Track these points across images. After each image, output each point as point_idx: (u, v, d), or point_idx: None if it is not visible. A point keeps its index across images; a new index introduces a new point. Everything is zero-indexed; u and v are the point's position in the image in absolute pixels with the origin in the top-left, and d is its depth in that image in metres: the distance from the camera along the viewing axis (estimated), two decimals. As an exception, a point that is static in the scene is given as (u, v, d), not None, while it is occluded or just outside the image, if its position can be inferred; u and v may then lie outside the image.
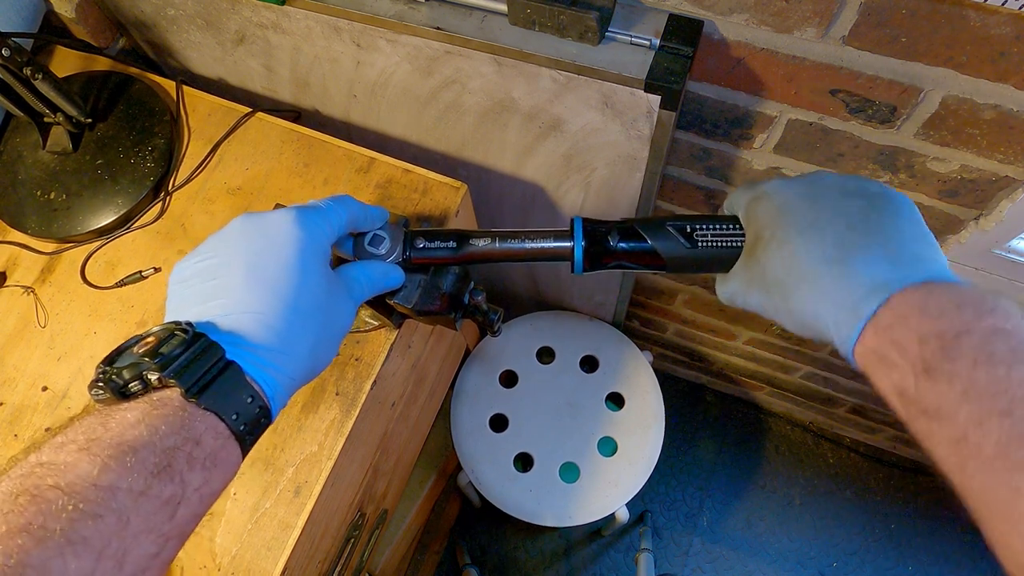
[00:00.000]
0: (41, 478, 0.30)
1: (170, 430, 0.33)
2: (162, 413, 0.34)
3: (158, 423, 0.33)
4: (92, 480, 0.30)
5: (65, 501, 0.29)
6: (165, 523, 0.32)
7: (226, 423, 0.36)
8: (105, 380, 0.35)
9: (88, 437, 0.32)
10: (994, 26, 0.49)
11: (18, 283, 0.70)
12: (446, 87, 0.74)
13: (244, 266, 0.39)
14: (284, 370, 0.39)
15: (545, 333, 1.19)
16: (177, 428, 0.34)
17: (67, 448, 0.31)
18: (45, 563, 0.28)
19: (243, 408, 0.36)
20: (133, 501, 0.31)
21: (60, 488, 0.29)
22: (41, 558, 0.27)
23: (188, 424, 0.34)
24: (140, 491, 0.31)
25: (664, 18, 0.59)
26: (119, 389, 0.35)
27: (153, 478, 0.32)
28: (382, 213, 0.48)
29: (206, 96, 0.77)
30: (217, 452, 0.35)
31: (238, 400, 0.36)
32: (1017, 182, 0.63)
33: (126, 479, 0.31)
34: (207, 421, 0.35)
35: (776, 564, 1.48)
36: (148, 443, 0.32)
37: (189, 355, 0.35)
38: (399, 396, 0.71)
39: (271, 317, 0.38)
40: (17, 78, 0.64)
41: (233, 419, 0.36)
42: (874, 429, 1.46)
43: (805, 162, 0.72)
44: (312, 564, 0.63)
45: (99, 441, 0.32)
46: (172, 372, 0.34)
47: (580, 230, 0.46)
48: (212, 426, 0.35)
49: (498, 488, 1.09)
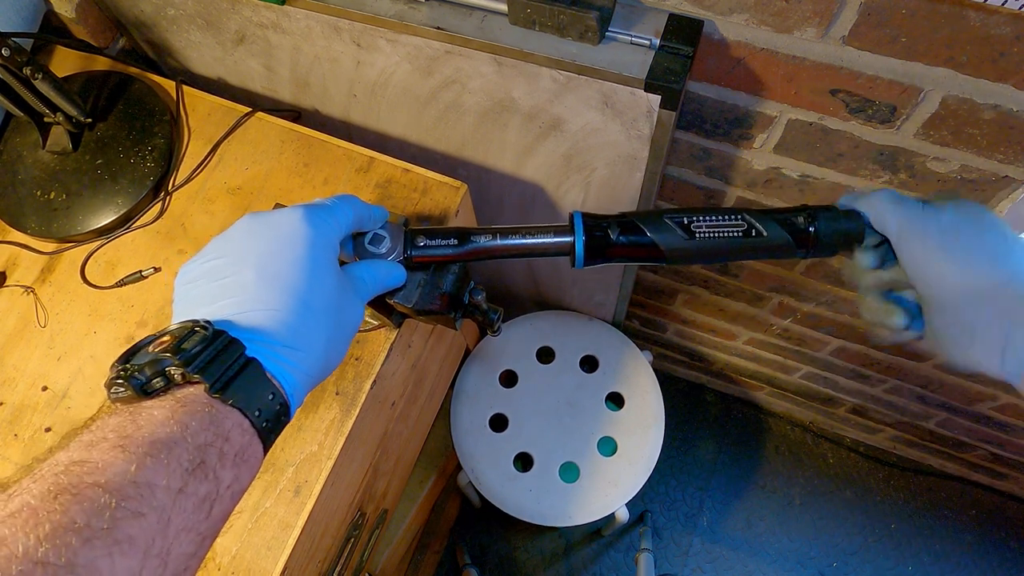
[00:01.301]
0: (79, 476, 0.29)
1: (200, 427, 0.33)
2: (190, 410, 0.33)
3: (188, 420, 0.33)
4: (131, 478, 0.30)
5: (107, 499, 0.29)
6: (202, 522, 0.32)
7: (250, 419, 0.35)
8: (126, 377, 0.34)
9: (119, 435, 0.31)
10: (994, 26, 0.49)
11: (18, 283, 0.70)
12: (446, 87, 0.74)
13: (255, 265, 0.39)
14: (301, 367, 0.39)
15: (545, 333, 1.19)
16: (206, 425, 0.33)
17: (100, 446, 0.31)
18: (94, 562, 0.27)
19: (265, 404, 0.36)
20: (172, 499, 0.31)
21: (100, 486, 0.29)
22: (89, 557, 0.27)
23: (217, 420, 0.34)
24: (178, 489, 0.31)
25: (664, 18, 0.59)
26: (141, 386, 0.34)
27: (189, 475, 0.32)
28: (383, 212, 0.48)
29: (206, 96, 0.77)
30: (245, 449, 0.35)
31: (260, 396, 0.36)
32: (1017, 182, 0.63)
33: (164, 477, 0.31)
34: (233, 418, 0.35)
35: (776, 564, 1.48)
36: (181, 440, 0.32)
37: (211, 351, 0.35)
38: (399, 396, 0.72)
39: (287, 314, 0.38)
40: (17, 78, 0.64)
41: (256, 415, 0.36)
42: (874, 429, 1.46)
43: (805, 162, 0.72)
44: (312, 564, 0.63)
45: (132, 439, 0.31)
46: (196, 368, 0.34)
47: (580, 224, 0.46)
48: (238, 423, 0.35)
49: (498, 488, 1.09)
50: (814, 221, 0.44)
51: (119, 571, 0.28)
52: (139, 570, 0.28)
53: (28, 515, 0.27)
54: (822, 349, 1.15)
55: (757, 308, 1.10)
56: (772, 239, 0.44)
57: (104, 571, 0.27)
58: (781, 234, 0.44)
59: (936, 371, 1.05)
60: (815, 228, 0.44)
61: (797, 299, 1.01)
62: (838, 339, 1.09)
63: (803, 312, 1.05)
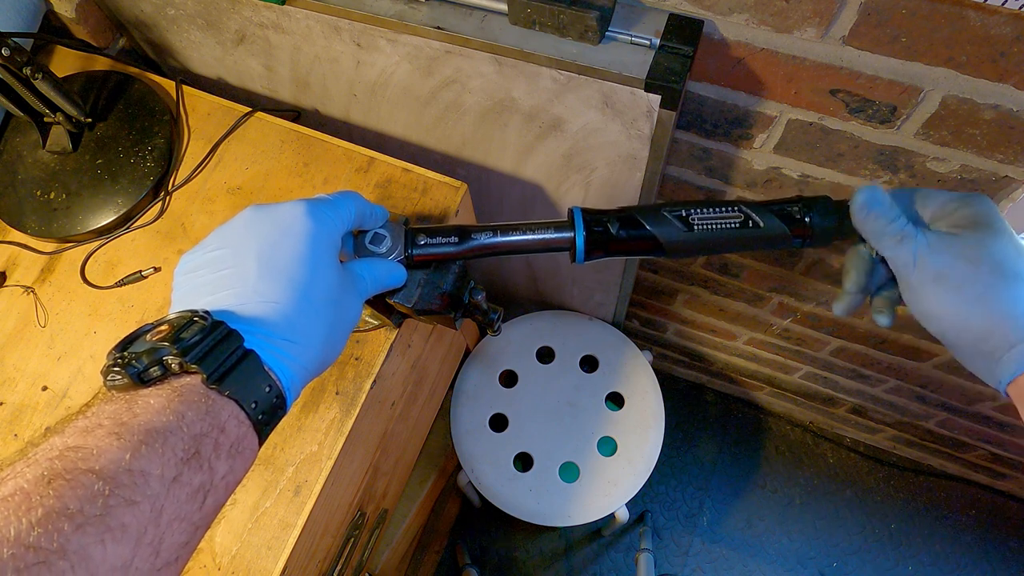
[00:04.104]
0: (74, 462, 0.29)
1: (196, 417, 0.33)
2: (186, 400, 0.33)
3: (184, 409, 0.33)
4: (125, 465, 0.30)
5: (101, 486, 0.29)
6: (196, 512, 0.32)
7: (246, 411, 0.35)
8: (123, 365, 0.34)
9: (115, 422, 0.31)
10: (994, 26, 0.49)
11: (18, 283, 0.70)
12: (446, 87, 0.74)
13: (257, 256, 0.39)
14: (299, 360, 0.39)
15: (545, 333, 1.19)
16: (202, 415, 0.33)
17: (95, 433, 0.31)
18: (86, 548, 0.27)
19: (261, 396, 0.36)
20: (165, 488, 0.31)
21: (95, 472, 0.29)
22: (82, 543, 0.27)
23: (213, 411, 0.34)
24: (172, 478, 0.31)
25: (664, 18, 0.59)
26: (138, 374, 0.34)
27: (183, 465, 0.32)
28: (384, 212, 0.48)
29: (206, 96, 0.77)
30: (240, 440, 0.35)
31: (257, 388, 0.36)
32: (1017, 182, 0.63)
33: (158, 465, 0.31)
34: (229, 409, 0.35)
35: (776, 564, 1.48)
36: (176, 429, 0.32)
37: (210, 341, 0.35)
38: (399, 396, 0.72)
39: (287, 307, 0.38)
40: (17, 78, 0.64)
41: (252, 407, 0.36)
42: (874, 429, 1.46)
43: (805, 162, 0.72)
44: (312, 563, 0.63)
45: (127, 426, 0.31)
46: (194, 358, 0.34)
47: (580, 220, 0.47)
48: (234, 414, 0.35)
49: (498, 488, 1.09)
50: (810, 211, 0.45)
51: (111, 558, 0.28)
52: (131, 558, 0.29)
53: (21, 499, 0.27)
54: (822, 349, 1.15)
55: (757, 308, 1.10)
56: (769, 230, 0.45)
57: (96, 558, 0.27)
58: (777, 224, 0.45)
59: (936, 371, 1.05)
60: (810, 219, 0.45)
61: (797, 299, 1.01)
62: (838, 339, 1.09)
63: (803, 312, 1.05)
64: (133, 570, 0.29)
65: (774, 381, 1.42)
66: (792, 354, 1.23)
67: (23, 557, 0.26)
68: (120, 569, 0.28)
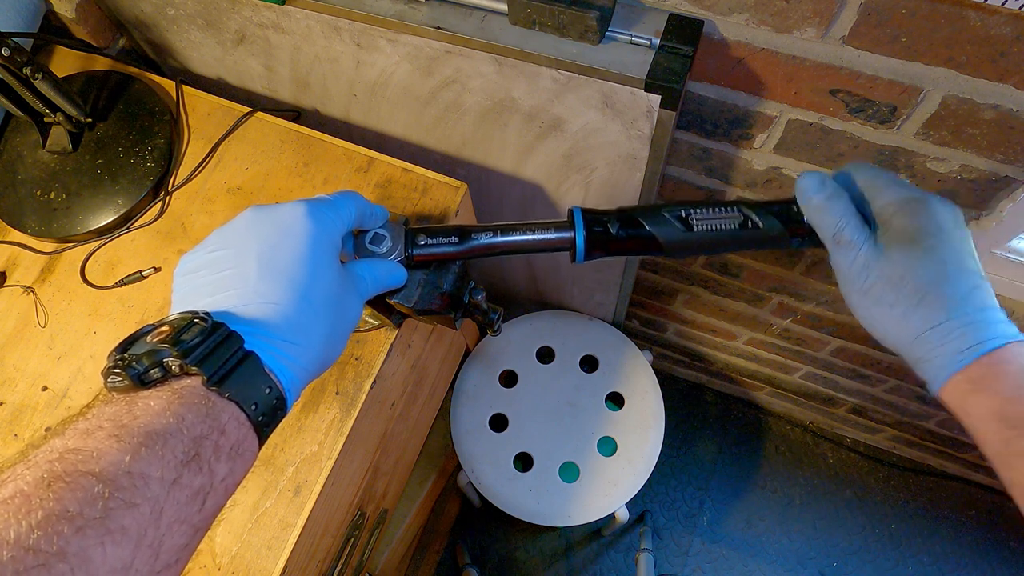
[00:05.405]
0: (74, 464, 0.29)
1: (196, 419, 0.33)
2: (187, 402, 0.33)
3: (184, 411, 0.33)
4: (125, 467, 0.30)
5: (101, 489, 0.29)
6: (195, 514, 0.32)
7: (246, 413, 0.35)
8: (123, 367, 0.34)
9: (115, 424, 0.31)
10: (994, 26, 0.49)
11: (18, 283, 0.70)
12: (446, 87, 0.74)
13: (257, 257, 0.39)
14: (299, 361, 0.39)
15: (545, 333, 1.19)
16: (203, 417, 0.33)
17: (95, 435, 0.31)
18: (86, 551, 0.27)
19: (262, 398, 0.36)
20: (165, 491, 0.31)
21: (95, 475, 0.29)
22: (81, 546, 0.27)
23: (213, 413, 0.34)
24: (172, 480, 0.31)
25: (664, 18, 0.59)
26: (139, 376, 0.34)
27: (183, 467, 0.32)
28: (384, 212, 0.48)
29: (206, 96, 0.77)
30: (240, 442, 0.35)
31: (257, 390, 0.36)
32: (1017, 182, 0.63)
33: (158, 468, 0.31)
34: (229, 411, 0.35)
35: (776, 564, 1.48)
36: (176, 431, 0.32)
37: (210, 343, 0.34)
38: (399, 396, 0.72)
39: (287, 308, 0.38)
40: (17, 78, 0.64)
41: (253, 409, 0.36)
42: (874, 429, 1.46)
43: (806, 162, 0.72)
44: (312, 563, 0.63)
45: (127, 428, 0.31)
46: (194, 360, 0.34)
47: (580, 219, 0.47)
48: (234, 416, 0.35)
49: (498, 488, 1.09)
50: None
51: (111, 560, 0.28)
52: (131, 560, 0.29)
53: (21, 502, 0.27)
54: (822, 349, 1.15)
55: (757, 308, 1.10)
56: (768, 230, 0.46)
57: (96, 560, 0.27)
58: (776, 225, 0.46)
59: (936, 371, 1.05)
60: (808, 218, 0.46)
61: (797, 299, 1.01)
62: (838, 339, 1.09)
63: (803, 312, 1.05)
64: (133, 572, 0.29)
65: (774, 381, 1.42)
66: (792, 354, 1.23)
67: (23, 560, 0.26)
68: (120, 571, 0.28)
